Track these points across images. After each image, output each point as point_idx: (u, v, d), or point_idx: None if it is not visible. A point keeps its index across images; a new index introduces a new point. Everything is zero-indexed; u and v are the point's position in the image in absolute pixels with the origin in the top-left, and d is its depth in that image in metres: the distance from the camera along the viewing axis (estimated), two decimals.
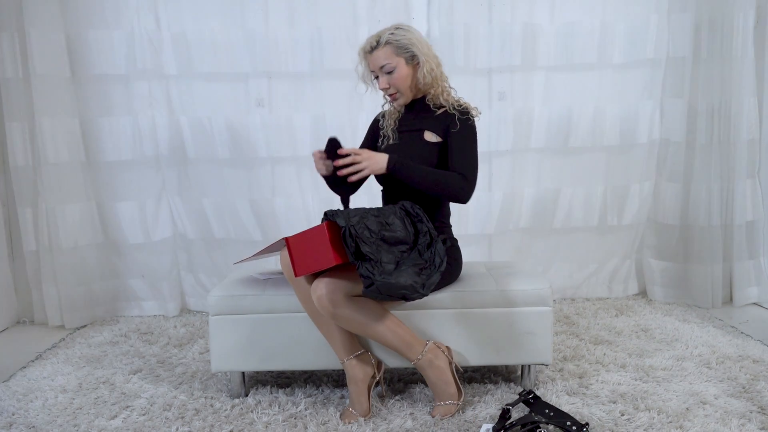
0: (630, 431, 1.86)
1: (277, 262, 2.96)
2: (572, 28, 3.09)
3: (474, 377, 2.27)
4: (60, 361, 2.55)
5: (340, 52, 3.03)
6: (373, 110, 2.38)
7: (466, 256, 2.36)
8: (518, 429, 1.83)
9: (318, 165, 2.09)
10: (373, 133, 2.27)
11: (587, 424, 1.83)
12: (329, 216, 1.85)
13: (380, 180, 2.15)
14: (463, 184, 1.99)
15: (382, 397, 2.10)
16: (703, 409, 1.98)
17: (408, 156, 2.05)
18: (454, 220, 2.24)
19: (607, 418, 1.93)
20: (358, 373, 1.99)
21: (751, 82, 3.04)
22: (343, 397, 2.13)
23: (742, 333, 2.73)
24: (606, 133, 3.18)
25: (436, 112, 2.09)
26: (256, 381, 2.29)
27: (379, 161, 1.97)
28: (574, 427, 1.80)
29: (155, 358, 2.55)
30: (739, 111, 3.04)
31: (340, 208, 1.93)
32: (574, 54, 3.11)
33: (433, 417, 1.96)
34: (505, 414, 1.90)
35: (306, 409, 2.04)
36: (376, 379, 2.03)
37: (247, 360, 2.12)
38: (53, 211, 2.97)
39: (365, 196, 2.96)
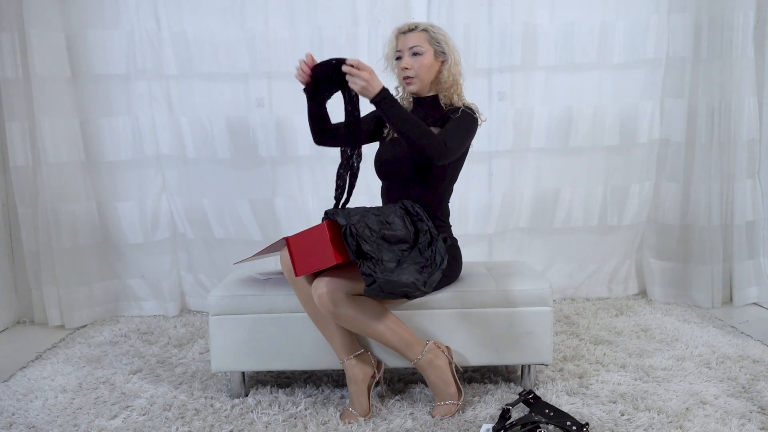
0: (630, 431, 1.86)
1: (277, 262, 2.96)
2: (572, 28, 3.08)
3: (474, 377, 2.27)
4: (60, 361, 2.55)
5: (340, 52, 3.02)
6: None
7: (466, 256, 2.36)
8: (518, 429, 1.83)
9: (300, 71, 2.00)
10: (379, 117, 2.21)
11: (587, 424, 1.83)
12: (329, 215, 1.85)
13: (381, 176, 2.15)
14: (441, 147, 1.90)
15: (382, 397, 2.10)
16: (703, 409, 1.98)
17: (408, 151, 2.04)
18: (453, 220, 2.23)
19: (607, 418, 1.93)
20: (358, 373, 1.99)
21: (751, 82, 3.04)
22: (343, 397, 2.13)
23: (742, 333, 2.73)
24: (606, 133, 3.18)
25: (444, 110, 2.10)
26: (256, 381, 2.29)
27: (375, 85, 1.87)
28: (574, 427, 1.80)
29: (155, 358, 2.55)
30: (739, 111, 3.04)
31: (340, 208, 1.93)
32: (574, 54, 3.11)
33: (433, 417, 1.96)
34: (505, 414, 1.90)
35: (306, 409, 2.04)
36: (376, 379, 2.03)
37: (247, 360, 2.12)
38: (53, 211, 2.97)
39: (365, 196, 2.96)
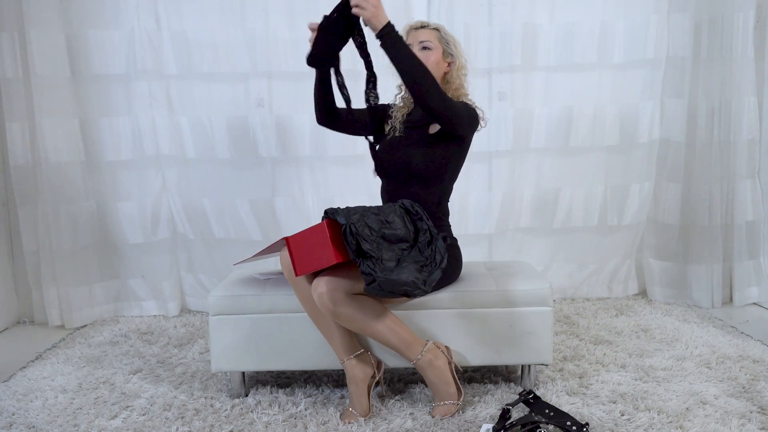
0: (630, 431, 1.86)
1: (277, 262, 2.96)
2: (572, 28, 3.08)
3: (474, 377, 2.27)
4: (60, 361, 2.55)
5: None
6: None
7: (466, 256, 2.35)
8: (518, 429, 1.83)
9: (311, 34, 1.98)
10: (380, 111, 2.22)
11: (587, 424, 1.83)
12: (329, 214, 1.85)
13: (380, 175, 2.15)
14: (442, 96, 1.91)
15: (382, 397, 2.10)
16: (703, 409, 1.98)
17: (409, 148, 2.06)
18: (453, 220, 2.23)
19: (607, 418, 1.93)
20: (358, 373, 1.99)
21: (751, 82, 3.04)
22: (343, 397, 2.13)
23: (742, 333, 2.73)
24: (606, 133, 3.18)
25: None
26: (256, 381, 2.29)
27: (381, 17, 1.86)
28: (574, 427, 1.80)
29: (155, 358, 2.55)
30: (739, 111, 3.04)
31: (340, 207, 1.93)
32: (574, 54, 3.11)
33: (433, 417, 1.96)
34: (505, 414, 1.90)
35: (306, 409, 2.04)
36: (376, 379, 2.03)
37: (247, 360, 2.12)
38: (53, 211, 2.97)
39: (365, 196, 2.96)
